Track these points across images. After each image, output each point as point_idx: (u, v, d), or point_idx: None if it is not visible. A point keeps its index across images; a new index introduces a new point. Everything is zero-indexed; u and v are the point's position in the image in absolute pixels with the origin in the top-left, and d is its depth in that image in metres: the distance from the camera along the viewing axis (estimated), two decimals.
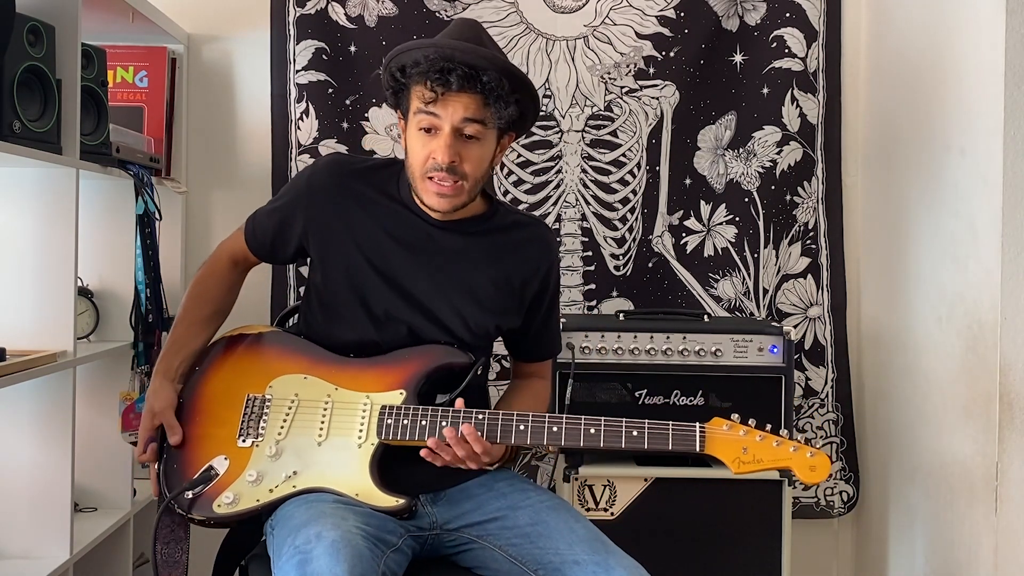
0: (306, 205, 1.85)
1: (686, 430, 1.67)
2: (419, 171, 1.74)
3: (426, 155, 1.72)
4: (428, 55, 1.68)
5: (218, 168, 2.84)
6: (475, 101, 1.69)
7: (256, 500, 1.69)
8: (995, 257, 2.09)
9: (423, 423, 1.70)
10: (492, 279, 1.84)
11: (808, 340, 2.86)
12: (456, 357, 1.79)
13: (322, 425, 1.74)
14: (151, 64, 2.68)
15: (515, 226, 1.90)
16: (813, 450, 1.63)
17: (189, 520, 1.72)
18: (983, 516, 2.14)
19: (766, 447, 1.64)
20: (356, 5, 2.79)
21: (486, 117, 1.71)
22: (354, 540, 1.50)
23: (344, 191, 1.84)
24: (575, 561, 1.60)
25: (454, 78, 1.66)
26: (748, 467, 1.63)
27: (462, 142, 1.72)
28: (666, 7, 2.82)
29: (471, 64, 1.67)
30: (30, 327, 2.06)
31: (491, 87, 1.68)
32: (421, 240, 1.82)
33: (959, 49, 2.29)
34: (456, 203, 1.76)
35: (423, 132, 1.72)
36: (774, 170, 2.85)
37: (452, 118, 1.69)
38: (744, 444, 1.64)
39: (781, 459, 1.64)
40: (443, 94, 1.68)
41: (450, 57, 1.67)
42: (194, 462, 1.75)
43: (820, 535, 2.90)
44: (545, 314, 1.95)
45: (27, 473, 2.07)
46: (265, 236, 1.91)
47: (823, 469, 1.62)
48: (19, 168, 2.04)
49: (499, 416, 1.70)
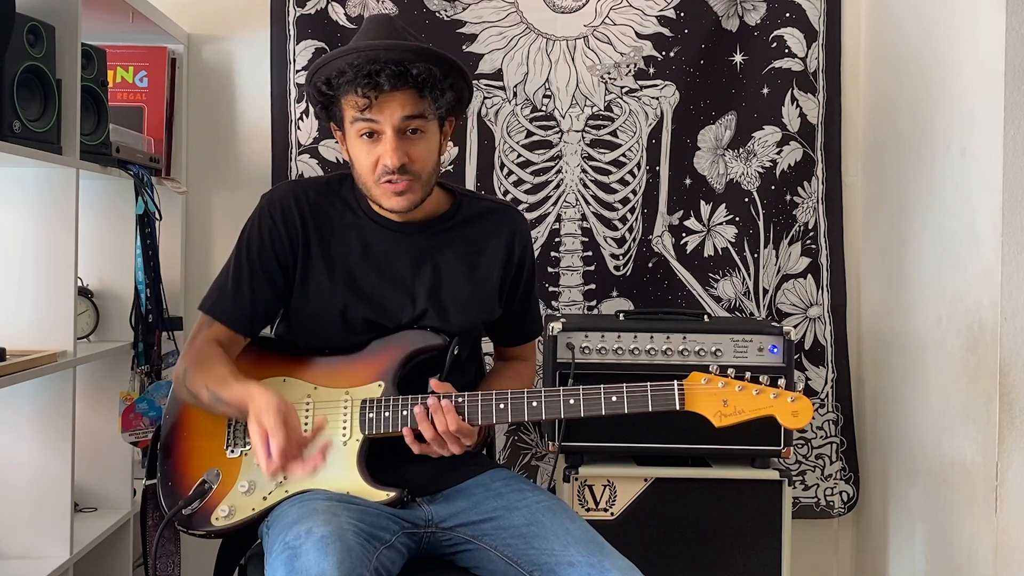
0: (271, 242, 1.78)
1: (665, 389, 1.66)
2: (370, 178, 1.71)
3: (373, 161, 1.69)
4: (352, 62, 1.64)
5: (218, 168, 2.84)
6: (410, 97, 1.65)
7: (252, 509, 1.71)
8: (995, 257, 2.09)
9: (404, 413, 1.70)
10: (466, 276, 1.82)
11: (808, 340, 2.86)
12: (430, 340, 1.77)
13: (305, 426, 1.73)
14: (151, 64, 2.68)
15: (482, 215, 1.86)
16: (794, 394, 1.62)
17: (190, 535, 1.73)
18: (983, 516, 2.14)
19: (746, 397, 1.63)
20: (356, 5, 2.79)
21: (425, 110, 1.68)
22: (344, 535, 1.50)
23: (303, 217, 1.79)
24: (570, 562, 1.60)
25: (384, 78, 1.62)
26: (730, 419, 1.63)
27: (407, 140, 1.69)
28: (666, 7, 2.82)
29: (398, 60, 1.63)
30: (30, 327, 2.06)
31: (423, 79, 1.64)
32: (390, 251, 1.79)
33: (959, 49, 2.29)
34: (414, 199, 1.73)
35: (364, 138, 1.69)
36: (774, 170, 2.85)
37: (392, 119, 1.66)
38: (724, 396, 1.63)
39: (762, 407, 1.63)
40: (377, 98, 1.64)
41: (375, 59, 1.63)
42: (188, 477, 1.75)
43: (820, 535, 2.90)
44: (523, 297, 1.93)
45: (27, 473, 2.08)
46: (243, 301, 1.79)
47: (805, 413, 1.62)
48: (19, 168, 2.04)
49: (478, 396, 1.69)
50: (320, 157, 2.81)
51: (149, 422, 2.23)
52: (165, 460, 1.79)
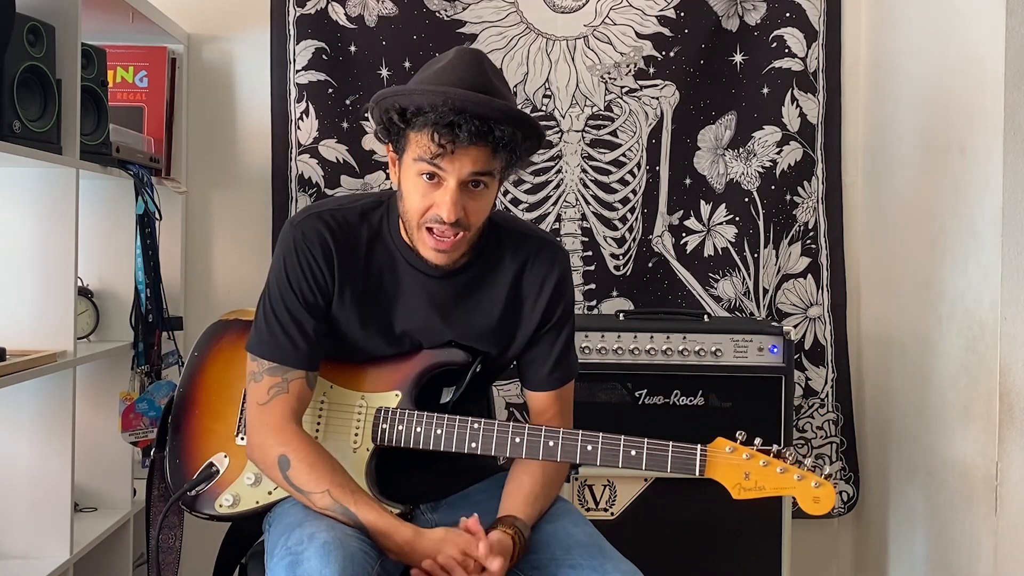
0: (312, 276, 1.66)
1: (686, 453, 1.59)
2: (416, 220, 1.60)
3: (426, 206, 1.58)
4: (435, 103, 1.51)
5: (218, 168, 2.84)
6: (484, 153, 1.54)
7: (256, 502, 1.71)
8: (995, 257, 2.09)
9: (418, 430, 1.66)
10: (495, 312, 1.73)
11: (808, 340, 2.86)
12: (454, 356, 1.72)
13: (318, 425, 1.72)
14: (151, 64, 2.68)
15: (515, 248, 1.74)
16: (818, 480, 1.56)
17: (193, 515, 1.74)
18: (983, 516, 2.14)
19: (769, 473, 1.57)
20: (356, 5, 2.79)
21: (494, 168, 1.58)
22: (347, 542, 1.49)
23: (338, 249, 1.67)
24: (571, 566, 1.58)
25: (464, 133, 1.50)
26: (748, 494, 1.58)
27: (467, 193, 1.58)
28: (666, 7, 2.82)
29: (483, 117, 1.51)
30: (30, 327, 2.06)
31: (503, 141, 1.54)
32: (418, 291, 1.69)
33: (959, 49, 2.29)
34: (455, 257, 1.64)
35: (424, 179, 1.57)
36: (774, 170, 2.85)
37: (460, 172, 1.54)
38: (747, 469, 1.57)
39: (784, 487, 1.57)
40: (452, 151, 1.52)
41: (461, 109, 1.50)
42: (196, 457, 1.76)
43: (820, 535, 2.89)
44: (550, 335, 1.76)
45: (27, 473, 2.08)
46: (305, 340, 1.65)
47: (827, 501, 1.55)
48: (19, 168, 2.04)
49: (494, 426, 1.65)
50: (320, 157, 2.80)
51: (149, 422, 2.22)
52: (175, 435, 1.79)
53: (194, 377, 1.84)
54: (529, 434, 1.64)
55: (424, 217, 1.59)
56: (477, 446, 1.65)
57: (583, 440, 1.62)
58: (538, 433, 1.64)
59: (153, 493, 1.84)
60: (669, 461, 1.60)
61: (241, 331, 1.84)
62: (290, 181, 2.81)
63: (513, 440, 1.64)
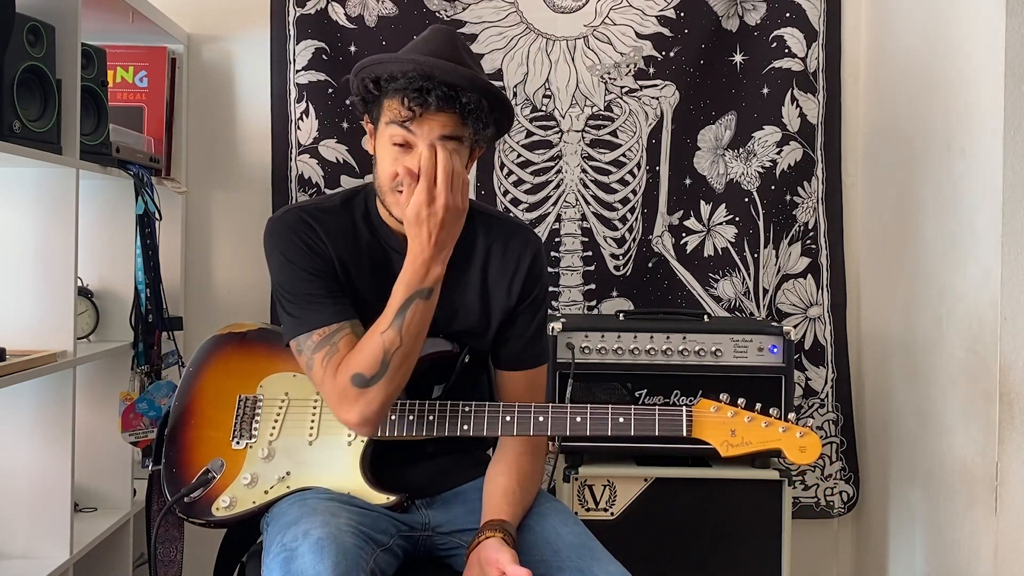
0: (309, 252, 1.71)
1: (673, 414, 1.64)
2: (387, 184, 1.67)
3: (396, 170, 1.65)
4: (406, 71, 1.60)
5: (218, 168, 2.84)
6: (453, 119, 1.62)
7: (252, 503, 1.71)
8: (995, 257, 2.09)
9: (410, 418, 1.69)
10: (472, 293, 1.77)
11: (808, 340, 2.86)
12: (440, 346, 1.74)
13: (312, 424, 1.74)
14: (151, 64, 2.68)
15: (486, 229, 1.78)
16: (803, 430, 1.62)
17: (190, 523, 1.74)
18: (983, 516, 2.14)
19: (755, 428, 1.62)
20: (356, 5, 2.79)
21: (463, 135, 1.65)
22: (341, 537, 1.50)
23: (321, 237, 1.72)
24: (559, 567, 1.60)
25: (433, 97, 1.59)
26: (736, 449, 1.62)
27: None
28: (666, 7, 2.82)
29: (451, 83, 1.60)
30: (30, 327, 2.06)
31: (470, 108, 1.62)
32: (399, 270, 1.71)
33: (959, 49, 2.29)
34: None
35: (396, 146, 1.65)
36: (774, 170, 2.85)
37: (429, 136, 1.62)
38: (732, 426, 1.62)
39: (770, 440, 1.62)
40: (420, 113, 1.61)
41: (429, 75, 1.59)
42: (191, 465, 1.76)
43: (820, 535, 2.90)
44: (525, 316, 1.80)
45: (27, 473, 2.08)
46: (329, 295, 1.70)
47: (813, 450, 1.61)
48: (19, 168, 2.04)
49: (485, 406, 1.68)
50: (320, 157, 2.80)
51: (149, 422, 2.22)
52: (171, 447, 1.80)
53: (189, 391, 1.84)
54: (519, 412, 1.68)
55: (395, 182, 1.65)
56: (469, 428, 1.67)
57: (572, 412, 1.67)
58: (527, 410, 1.68)
59: (152, 508, 1.85)
60: (657, 424, 1.64)
61: (236, 342, 1.87)
62: (290, 181, 2.81)
63: (504, 419, 1.68)
